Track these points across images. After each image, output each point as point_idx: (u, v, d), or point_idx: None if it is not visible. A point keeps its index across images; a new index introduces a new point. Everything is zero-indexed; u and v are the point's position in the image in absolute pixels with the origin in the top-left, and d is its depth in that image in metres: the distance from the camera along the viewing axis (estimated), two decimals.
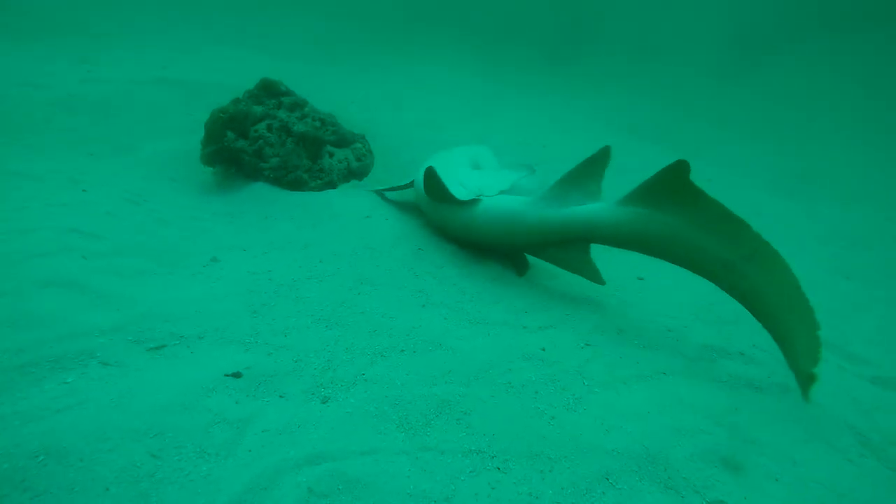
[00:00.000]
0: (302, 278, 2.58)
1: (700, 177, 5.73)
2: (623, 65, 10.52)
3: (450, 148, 3.95)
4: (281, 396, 1.80)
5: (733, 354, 2.53)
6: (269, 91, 3.88)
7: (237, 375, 1.80)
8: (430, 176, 2.82)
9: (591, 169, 2.56)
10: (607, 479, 1.62)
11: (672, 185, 2.28)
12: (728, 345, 2.61)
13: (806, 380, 2.05)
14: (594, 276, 2.63)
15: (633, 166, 5.66)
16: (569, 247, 2.59)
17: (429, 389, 1.92)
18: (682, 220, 2.29)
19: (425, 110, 6.04)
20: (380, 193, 3.66)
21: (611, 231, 2.45)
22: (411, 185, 3.58)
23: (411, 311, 2.39)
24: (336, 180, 3.83)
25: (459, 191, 3.02)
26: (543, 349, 2.16)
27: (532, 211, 2.62)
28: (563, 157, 5.48)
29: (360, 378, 1.96)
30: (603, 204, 2.48)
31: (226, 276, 2.49)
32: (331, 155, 3.88)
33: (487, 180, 3.24)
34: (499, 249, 2.90)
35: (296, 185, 3.73)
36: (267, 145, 3.72)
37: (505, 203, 2.76)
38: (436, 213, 3.06)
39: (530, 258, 2.98)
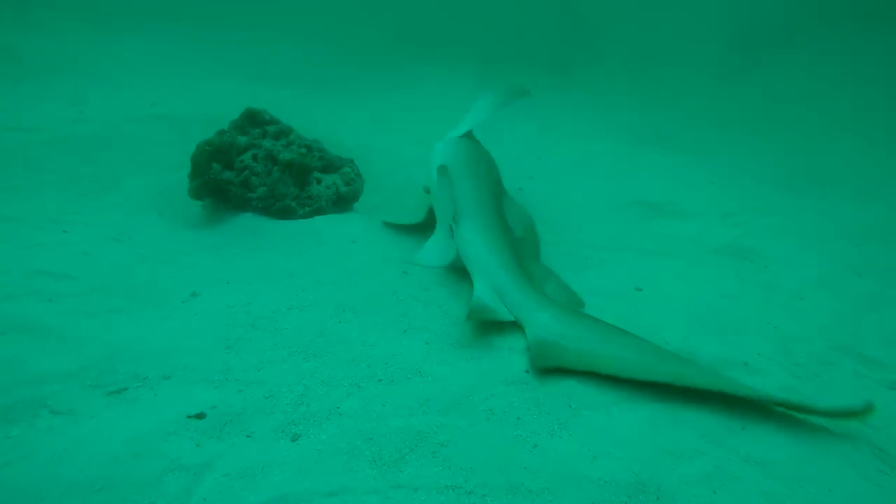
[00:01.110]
0: (282, 309, 2.51)
1: (704, 179, 5.60)
2: (622, 70, 10.47)
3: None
4: (248, 436, 1.72)
5: (736, 365, 2.39)
6: (253, 120, 3.88)
7: (201, 416, 1.72)
8: None
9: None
10: None
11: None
12: (731, 354, 2.48)
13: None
14: None
15: (633, 171, 5.56)
16: None
17: (405, 421, 1.82)
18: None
19: (419, 130, 6.02)
20: (390, 225, 3.54)
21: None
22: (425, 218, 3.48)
23: (392, 338, 2.30)
24: (325, 206, 3.78)
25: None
26: (527, 371, 2.05)
27: None
28: (559, 168, 5.40)
29: (335, 412, 1.87)
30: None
31: (204, 310, 2.43)
32: (318, 181, 3.84)
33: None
34: None
35: (284, 213, 3.70)
36: (253, 175, 3.69)
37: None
38: None
39: None
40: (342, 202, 3.89)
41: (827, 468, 1.78)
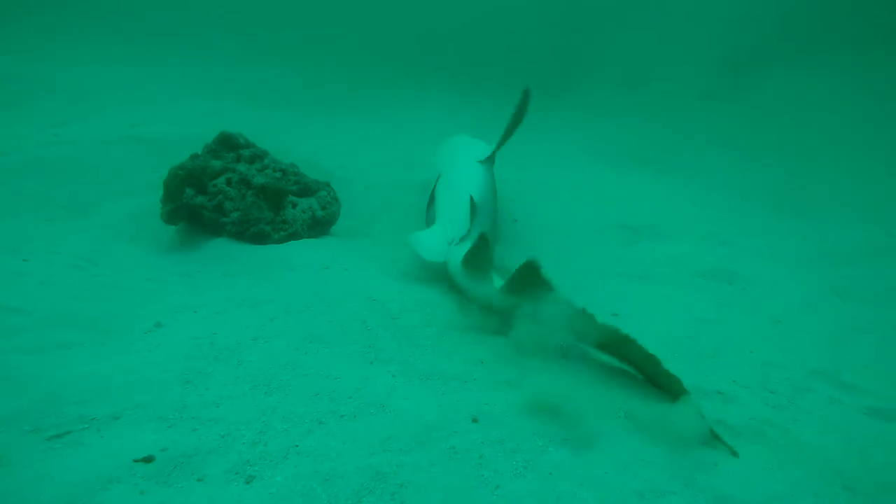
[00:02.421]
0: (247, 340, 2.44)
1: (688, 200, 5.58)
2: (610, 90, 10.54)
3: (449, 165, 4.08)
4: (199, 480, 1.64)
5: (710, 393, 2.34)
6: (227, 144, 3.84)
7: (149, 460, 1.65)
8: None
9: (479, 257, 2.71)
10: None
11: (526, 280, 2.43)
12: (706, 382, 2.43)
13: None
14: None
15: (617, 192, 5.56)
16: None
17: (365, 460, 1.75)
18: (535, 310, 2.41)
19: (403, 150, 6.01)
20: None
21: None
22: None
23: (358, 370, 2.24)
24: (300, 231, 3.73)
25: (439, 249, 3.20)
26: (495, 405, 1.99)
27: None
28: (542, 189, 5.39)
29: (293, 451, 1.80)
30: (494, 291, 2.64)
31: (166, 342, 2.36)
32: (294, 205, 3.80)
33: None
34: None
35: (258, 238, 3.64)
36: (227, 199, 3.64)
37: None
38: None
39: None
40: (318, 226, 3.84)
41: None
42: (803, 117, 8.58)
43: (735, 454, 1.92)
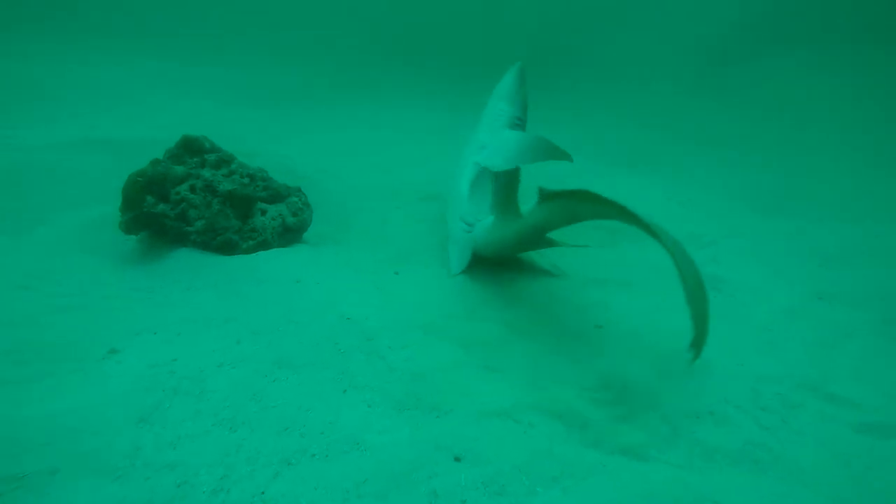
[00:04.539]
0: (211, 366, 2.27)
1: (673, 199, 5.50)
2: (596, 89, 10.44)
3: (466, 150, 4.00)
4: None
5: (702, 415, 2.24)
6: (190, 149, 3.62)
7: None
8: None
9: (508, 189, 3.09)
10: None
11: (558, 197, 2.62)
12: (696, 402, 2.33)
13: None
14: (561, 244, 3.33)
15: (601, 191, 5.45)
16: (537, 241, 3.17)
17: None
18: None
19: (381, 155, 5.82)
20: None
21: (545, 221, 2.82)
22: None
23: (331, 400, 2.08)
24: (270, 239, 3.54)
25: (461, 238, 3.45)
26: (478, 440, 1.86)
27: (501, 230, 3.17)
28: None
29: (259, 498, 1.64)
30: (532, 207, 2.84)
31: (119, 372, 2.17)
32: (263, 212, 3.60)
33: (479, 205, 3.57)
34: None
35: (226, 248, 3.44)
36: (191, 207, 3.43)
37: (485, 234, 3.30)
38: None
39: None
40: (289, 234, 3.65)
41: None
42: (789, 114, 8.59)
43: None
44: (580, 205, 2.55)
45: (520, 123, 4.04)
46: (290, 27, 10.94)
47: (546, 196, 2.69)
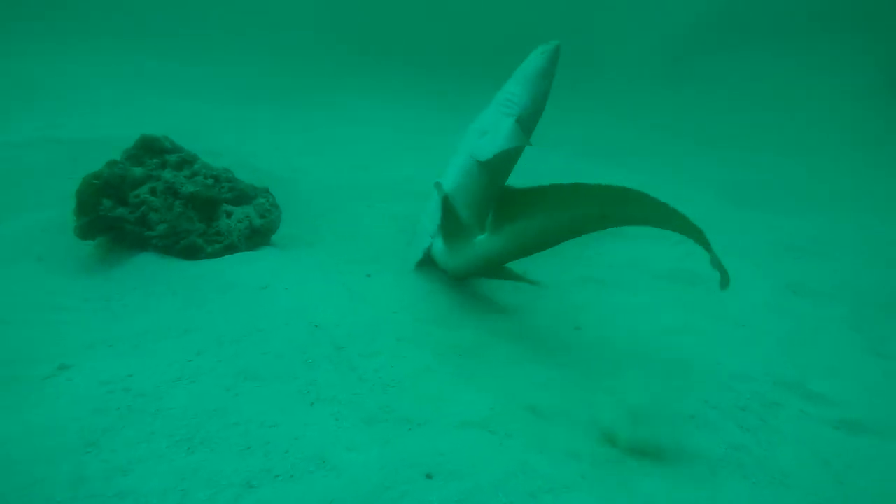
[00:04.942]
0: (169, 381, 2.13)
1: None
2: (563, 81, 10.38)
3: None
4: None
5: (683, 418, 2.20)
6: (150, 149, 3.44)
7: None
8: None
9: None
10: None
11: (515, 201, 2.45)
12: (676, 404, 2.29)
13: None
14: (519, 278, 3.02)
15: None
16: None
17: None
18: (545, 214, 2.39)
19: (353, 152, 5.68)
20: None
21: (505, 253, 2.65)
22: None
23: (297, 414, 1.97)
24: (237, 242, 3.40)
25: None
26: (451, 455, 1.77)
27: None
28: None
29: None
30: (484, 236, 2.69)
31: (68, 391, 2.03)
32: (228, 215, 3.45)
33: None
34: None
35: (190, 252, 3.29)
36: (151, 210, 3.27)
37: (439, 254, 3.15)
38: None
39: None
40: (257, 236, 3.51)
41: None
42: (763, 107, 8.64)
43: None
44: (548, 214, 2.34)
45: (526, 116, 3.58)
46: (258, 24, 10.67)
47: (503, 212, 2.45)
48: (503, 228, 2.51)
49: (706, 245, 2.04)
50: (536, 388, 2.19)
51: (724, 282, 2.04)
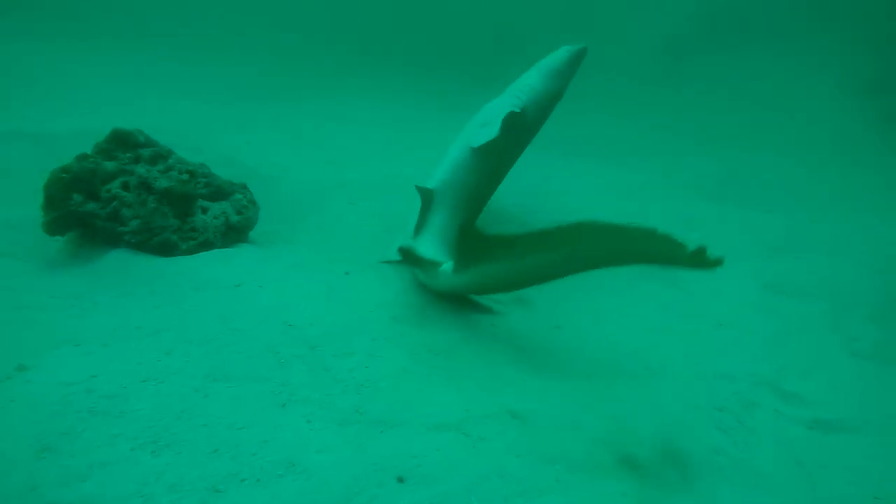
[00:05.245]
0: (135, 382, 2.07)
1: (629, 190, 5.51)
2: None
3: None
4: None
5: (662, 419, 2.18)
6: (122, 143, 3.35)
7: None
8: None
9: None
10: None
11: (481, 244, 2.42)
12: (656, 408, 2.27)
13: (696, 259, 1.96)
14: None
15: (559, 183, 5.41)
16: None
17: None
18: (511, 262, 2.37)
19: (334, 148, 5.60)
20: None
21: (468, 290, 2.68)
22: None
23: (267, 415, 1.92)
24: (213, 239, 3.32)
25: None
26: (424, 457, 1.73)
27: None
28: None
29: None
30: (450, 266, 2.63)
31: (24, 394, 1.95)
32: (204, 210, 3.38)
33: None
34: None
35: (164, 249, 3.21)
36: (124, 206, 3.18)
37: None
38: None
39: None
40: (234, 233, 3.44)
41: None
42: (742, 105, 8.68)
43: None
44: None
45: (533, 110, 3.46)
46: (237, 20, 10.51)
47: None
48: (468, 269, 2.48)
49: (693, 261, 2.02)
50: (513, 389, 2.16)
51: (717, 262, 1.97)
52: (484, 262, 2.40)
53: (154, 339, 2.37)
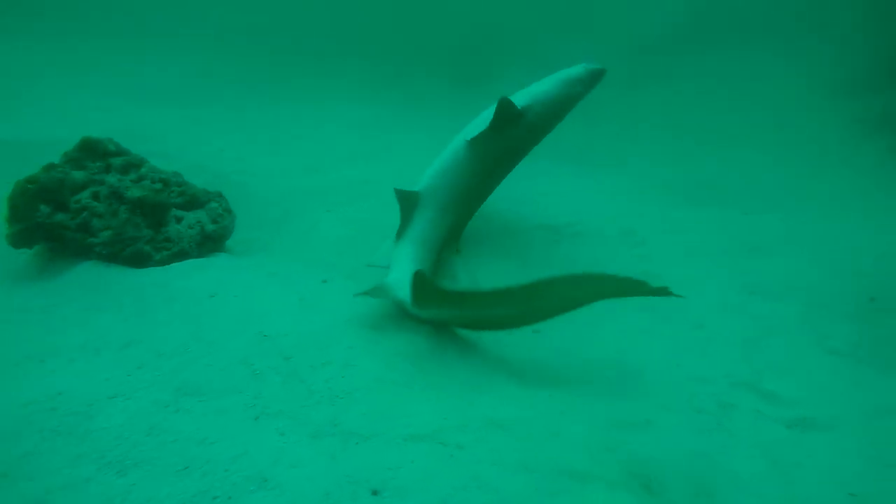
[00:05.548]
0: (102, 398, 2.01)
1: (607, 193, 5.52)
2: (525, 80, 10.36)
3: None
4: None
5: (639, 424, 2.18)
6: (92, 152, 3.28)
7: None
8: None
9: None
10: None
11: (427, 292, 2.42)
12: (634, 410, 2.27)
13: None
14: None
15: (539, 188, 5.40)
16: None
17: None
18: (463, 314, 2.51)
19: (310, 153, 5.55)
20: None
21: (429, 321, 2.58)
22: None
23: (240, 430, 1.87)
24: (188, 249, 3.26)
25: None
26: (399, 469, 1.70)
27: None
28: None
29: None
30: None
31: None
32: (179, 220, 3.32)
33: None
34: None
35: (137, 260, 3.14)
36: (94, 216, 3.11)
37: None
38: None
39: None
40: (209, 242, 3.38)
41: None
42: (722, 106, 8.74)
43: None
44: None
45: (536, 112, 3.45)
46: (213, 23, 10.36)
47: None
48: (425, 309, 2.48)
49: (654, 292, 2.25)
50: (491, 396, 2.14)
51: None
52: (439, 308, 2.45)
53: (123, 354, 2.31)
